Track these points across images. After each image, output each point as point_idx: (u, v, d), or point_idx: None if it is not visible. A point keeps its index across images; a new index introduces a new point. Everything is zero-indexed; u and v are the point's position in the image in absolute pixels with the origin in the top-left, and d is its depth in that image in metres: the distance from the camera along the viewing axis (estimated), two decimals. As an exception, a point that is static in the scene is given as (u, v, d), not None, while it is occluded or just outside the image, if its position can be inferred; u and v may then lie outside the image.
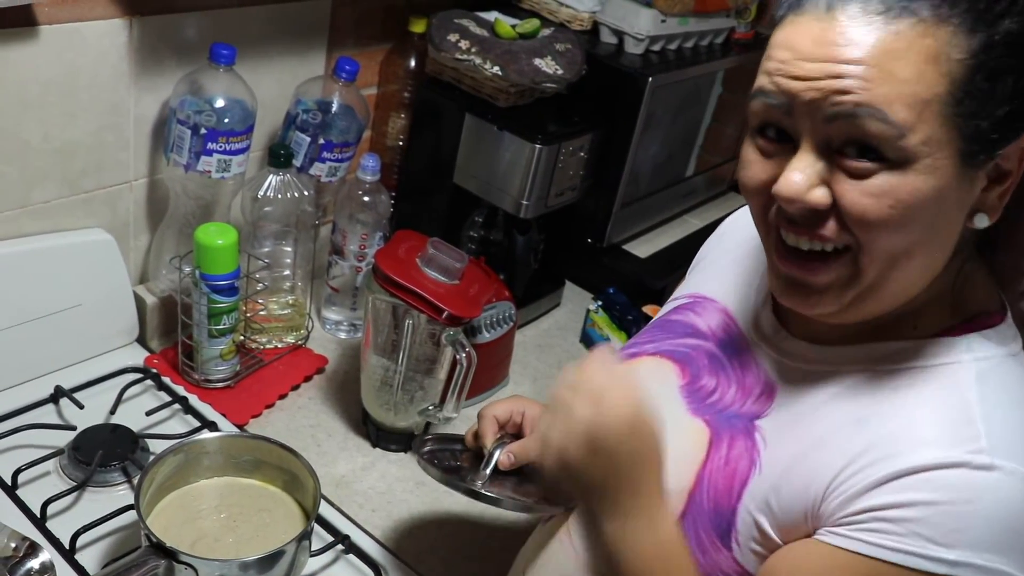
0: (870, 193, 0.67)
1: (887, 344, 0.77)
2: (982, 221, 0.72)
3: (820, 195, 0.69)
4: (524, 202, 1.50)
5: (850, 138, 0.67)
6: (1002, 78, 0.66)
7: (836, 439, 0.74)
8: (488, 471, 0.97)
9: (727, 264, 0.97)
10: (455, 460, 1.04)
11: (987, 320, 0.76)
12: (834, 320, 0.76)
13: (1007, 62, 0.66)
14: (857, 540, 0.69)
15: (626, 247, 1.81)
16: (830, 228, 0.70)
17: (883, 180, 0.67)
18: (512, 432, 1.01)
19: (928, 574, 0.66)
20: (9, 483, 1.09)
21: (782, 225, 0.73)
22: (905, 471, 0.68)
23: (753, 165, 0.74)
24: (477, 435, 1.02)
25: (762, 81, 0.71)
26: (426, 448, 1.04)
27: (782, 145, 0.71)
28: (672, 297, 1.02)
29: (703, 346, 0.91)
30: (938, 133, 0.66)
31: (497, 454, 0.98)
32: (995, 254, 0.79)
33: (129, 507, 1.06)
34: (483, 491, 0.94)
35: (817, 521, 0.73)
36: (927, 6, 0.65)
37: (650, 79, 1.57)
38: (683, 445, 0.83)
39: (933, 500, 0.67)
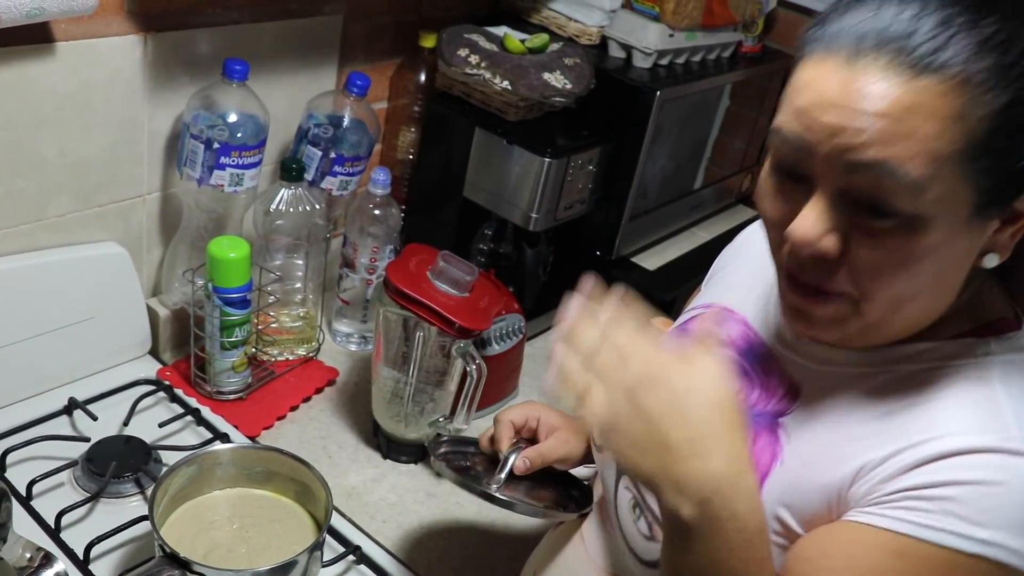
0: (882, 246, 0.67)
1: (907, 346, 0.77)
2: (992, 261, 0.72)
3: (831, 243, 0.68)
4: (533, 215, 1.50)
5: (866, 191, 0.66)
6: (1022, 134, 0.65)
7: (863, 431, 0.74)
8: (504, 475, 0.98)
9: (745, 276, 0.97)
10: (468, 462, 1.06)
11: (1005, 325, 0.76)
12: (840, 345, 0.77)
13: None
14: (888, 517, 0.69)
15: (635, 259, 1.81)
16: (837, 280, 0.70)
17: (896, 235, 0.66)
18: (527, 437, 1.03)
19: (959, 551, 0.66)
20: (24, 494, 1.10)
21: (791, 267, 0.73)
22: (939, 455, 0.68)
23: (770, 199, 0.74)
24: (492, 439, 1.03)
25: (783, 120, 0.70)
26: (441, 450, 1.06)
27: (798, 184, 0.70)
28: (689, 307, 1.02)
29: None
30: (953, 188, 0.65)
31: (512, 458, 0.99)
32: (1011, 284, 0.79)
33: (142, 518, 1.06)
34: (497, 495, 0.95)
35: (844, 507, 0.73)
36: (957, 63, 0.63)
37: (658, 93, 1.58)
38: None
39: (967, 480, 0.67)
